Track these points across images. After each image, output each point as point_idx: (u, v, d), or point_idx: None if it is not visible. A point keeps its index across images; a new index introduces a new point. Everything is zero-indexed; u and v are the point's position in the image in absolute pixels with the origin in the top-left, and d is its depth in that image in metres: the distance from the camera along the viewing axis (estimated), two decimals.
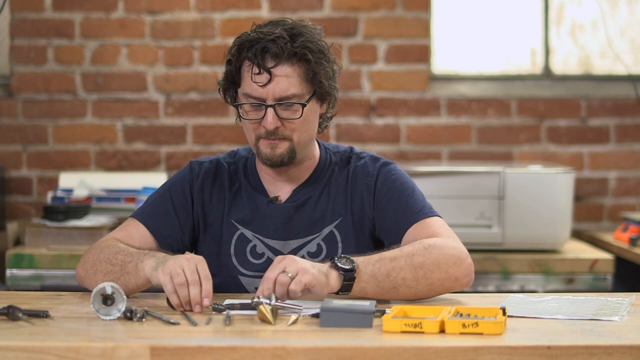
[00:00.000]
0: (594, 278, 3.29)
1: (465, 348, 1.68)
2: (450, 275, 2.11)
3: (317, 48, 2.22)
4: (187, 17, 4.01)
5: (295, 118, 2.20)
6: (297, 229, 2.28)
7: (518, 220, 3.34)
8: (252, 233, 2.29)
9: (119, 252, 2.15)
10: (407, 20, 4.02)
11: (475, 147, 4.05)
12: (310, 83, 2.22)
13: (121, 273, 2.11)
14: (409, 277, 2.07)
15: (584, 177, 4.05)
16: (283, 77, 2.19)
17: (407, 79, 4.04)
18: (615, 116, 4.05)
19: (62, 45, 4.00)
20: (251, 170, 2.35)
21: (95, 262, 2.18)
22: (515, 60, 4.16)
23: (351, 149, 2.38)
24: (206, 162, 2.36)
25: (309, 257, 2.27)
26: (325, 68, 2.24)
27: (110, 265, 2.14)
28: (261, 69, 2.18)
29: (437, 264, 2.10)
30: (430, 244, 2.13)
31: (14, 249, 3.34)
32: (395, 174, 2.33)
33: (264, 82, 2.19)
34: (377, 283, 2.05)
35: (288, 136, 2.22)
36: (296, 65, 2.20)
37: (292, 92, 2.19)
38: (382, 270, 2.06)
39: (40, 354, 1.68)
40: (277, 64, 2.18)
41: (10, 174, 4.00)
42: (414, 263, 2.08)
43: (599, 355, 1.68)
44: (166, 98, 4.02)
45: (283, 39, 2.18)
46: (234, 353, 1.67)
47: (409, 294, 2.09)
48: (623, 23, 4.17)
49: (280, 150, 2.22)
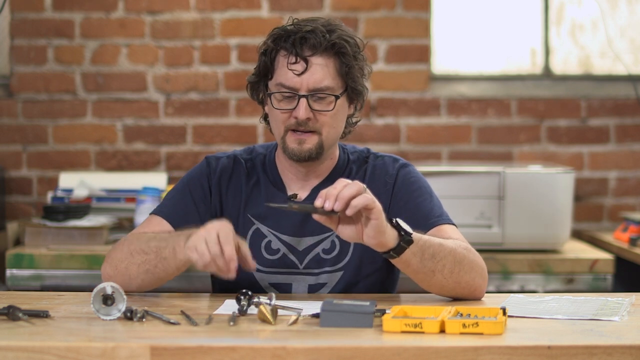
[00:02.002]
0: (594, 278, 3.29)
1: (465, 348, 1.68)
2: (475, 283, 2.14)
3: (353, 43, 2.25)
4: (187, 17, 4.01)
5: (328, 110, 2.21)
6: (312, 227, 2.27)
7: (518, 220, 3.34)
8: (267, 228, 2.29)
9: (151, 240, 2.14)
10: (407, 20, 4.02)
11: (475, 147, 4.05)
12: (343, 78, 2.23)
13: (158, 260, 2.10)
14: (447, 266, 2.09)
15: (584, 177, 4.05)
16: (319, 68, 2.20)
17: (407, 79, 4.04)
18: (615, 116, 4.06)
19: (62, 45, 4.00)
20: (270, 167, 2.35)
21: (126, 256, 2.16)
22: (515, 60, 4.16)
23: (368, 150, 2.39)
24: (223, 157, 2.36)
25: (324, 253, 2.28)
26: (360, 64, 2.26)
27: (144, 254, 2.12)
28: (298, 58, 2.19)
29: (471, 267, 2.13)
30: (467, 247, 2.16)
31: (14, 249, 3.34)
32: (415, 177, 2.33)
33: (300, 70, 2.19)
34: (422, 260, 2.06)
35: (318, 129, 2.22)
36: (332, 58, 2.22)
37: (326, 84, 2.20)
38: (430, 250, 2.07)
39: (40, 354, 1.68)
40: (314, 54, 2.20)
41: (10, 174, 4.00)
42: (456, 257, 2.10)
43: (599, 355, 1.68)
44: (166, 98, 4.03)
45: (321, 31, 2.21)
46: (234, 353, 1.67)
47: (437, 284, 2.11)
48: (623, 23, 4.17)
49: (309, 146, 2.22)
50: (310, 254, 2.28)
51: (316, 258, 2.28)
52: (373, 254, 2.28)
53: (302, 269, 2.28)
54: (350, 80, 2.24)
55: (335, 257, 2.28)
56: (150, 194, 3.45)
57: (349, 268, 2.28)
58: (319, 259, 2.28)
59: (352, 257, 2.28)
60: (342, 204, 1.94)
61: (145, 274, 2.13)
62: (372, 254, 2.28)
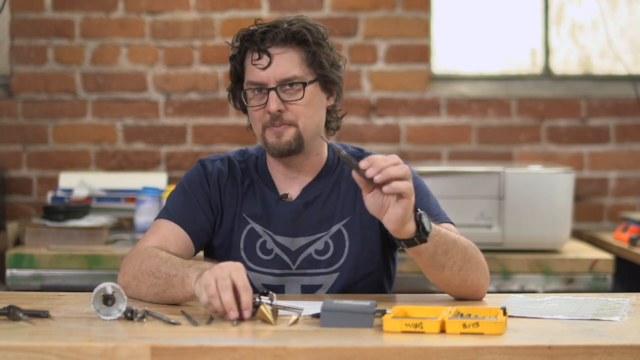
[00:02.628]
0: (594, 278, 3.29)
1: (465, 348, 1.68)
2: (480, 282, 2.14)
3: (316, 30, 2.25)
4: (187, 17, 4.01)
5: (298, 99, 2.21)
6: (305, 226, 2.28)
7: (518, 220, 3.34)
8: (262, 228, 2.29)
9: (162, 264, 2.09)
10: (407, 20, 4.02)
11: (475, 147, 4.05)
12: (312, 68, 2.23)
13: (167, 286, 2.05)
14: (457, 263, 2.08)
15: (584, 177, 4.05)
16: (283, 60, 2.21)
17: (407, 79, 4.04)
18: (615, 116, 4.06)
19: (62, 45, 4.00)
20: (262, 168, 2.35)
21: (137, 274, 2.12)
22: (515, 60, 4.16)
23: (361, 150, 2.38)
24: (217, 160, 2.36)
25: (317, 255, 2.27)
26: (326, 52, 2.25)
27: (154, 278, 2.08)
28: (261, 53, 2.21)
29: (477, 267, 2.13)
30: (475, 246, 2.16)
31: (14, 249, 3.34)
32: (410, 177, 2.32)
33: (264, 65, 2.21)
34: (434, 254, 2.06)
35: (293, 121, 2.21)
36: (296, 48, 2.22)
37: (294, 74, 2.21)
38: (444, 246, 2.06)
39: (40, 354, 1.68)
40: (276, 46, 2.21)
41: (10, 174, 4.00)
42: (466, 255, 2.10)
43: (600, 355, 1.68)
44: (166, 98, 4.02)
45: (281, 25, 2.23)
46: (235, 353, 1.67)
47: (444, 279, 2.10)
48: (623, 23, 4.17)
49: (287, 138, 2.21)
50: (303, 254, 2.27)
51: (309, 259, 2.27)
52: (369, 255, 2.29)
53: (295, 269, 2.27)
54: (318, 68, 2.24)
55: (329, 259, 2.27)
56: (150, 194, 3.44)
57: (345, 270, 2.27)
58: (312, 260, 2.27)
59: (347, 259, 2.27)
60: (384, 178, 1.92)
61: (154, 296, 2.10)
62: (369, 255, 2.29)
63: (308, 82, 2.22)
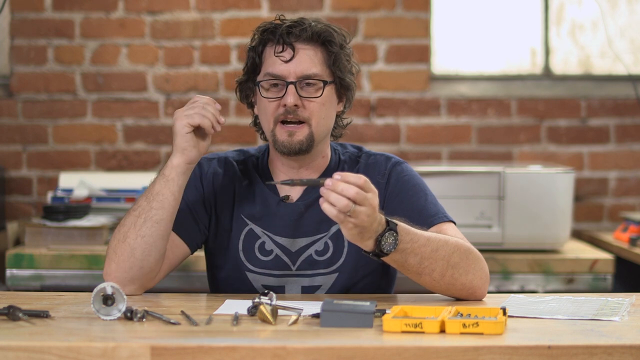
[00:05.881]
0: (594, 278, 3.29)
1: (465, 348, 1.68)
2: (474, 285, 2.12)
3: (340, 34, 2.27)
4: (187, 17, 4.01)
5: (316, 97, 2.21)
6: (305, 227, 2.27)
7: (518, 220, 3.34)
8: (261, 229, 2.29)
9: (135, 202, 2.17)
10: (407, 20, 4.02)
11: (475, 147, 4.05)
12: (331, 69, 2.24)
13: (150, 205, 2.13)
14: (438, 270, 2.07)
15: (584, 177, 4.05)
16: (306, 56, 2.22)
17: (407, 79, 4.04)
18: (615, 116, 4.06)
19: (62, 45, 4.00)
20: (263, 168, 2.34)
21: (117, 231, 2.16)
22: (515, 60, 4.16)
23: (361, 149, 2.38)
24: (215, 159, 2.36)
25: (317, 255, 2.27)
26: (347, 56, 2.28)
27: (133, 212, 2.15)
28: (285, 45, 2.21)
29: (467, 270, 2.11)
30: (468, 249, 2.13)
31: (14, 249, 3.34)
32: (408, 174, 2.31)
33: (287, 58, 2.21)
34: (405, 264, 2.05)
35: (307, 119, 2.21)
36: (319, 48, 2.24)
37: (315, 72, 2.22)
38: (417, 257, 2.04)
39: (40, 354, 1.68)
40: (301, 41, 2.22)
41: (10, 174, 4.00)
42: (450, 261, 2.08)
43: (600, 355, 1.68)
44: (166, 98, 4.03)
45: (307, 22, 2.24)
46: (234, 353, 1.67)
47: (426, 284, 2.10)
48: (623, 23, 4.17)
49: (299, 138, 2.21)
50: (303, 255, 2.27)
51: (309, 260, 2.27)
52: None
53: (295, 270, 2.27)
54: (337, 70, 2.25)
55: (328, 259, 2.27)
56: None
57: (344, 270, 2.27)
58: (312, 261, 2.27)
59: (346, 259, 2.27)
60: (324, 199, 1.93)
61: (143, 227, 2.12)
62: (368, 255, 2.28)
63: (328, 82, 2.23)
